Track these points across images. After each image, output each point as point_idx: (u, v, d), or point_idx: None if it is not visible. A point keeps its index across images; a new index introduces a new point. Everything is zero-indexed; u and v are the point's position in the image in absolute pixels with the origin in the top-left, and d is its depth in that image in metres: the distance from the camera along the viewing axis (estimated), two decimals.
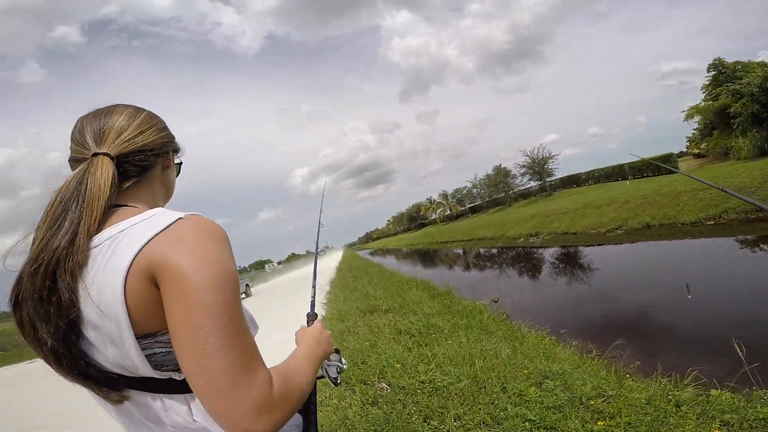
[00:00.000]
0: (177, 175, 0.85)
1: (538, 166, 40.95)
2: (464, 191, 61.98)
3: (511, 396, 2.55)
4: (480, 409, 2.48)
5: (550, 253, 13.00)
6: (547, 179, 41.54)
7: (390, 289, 8.60)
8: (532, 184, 44.32)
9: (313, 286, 1.31)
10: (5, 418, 5.65)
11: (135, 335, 0.59)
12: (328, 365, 0.99)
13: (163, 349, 0.62)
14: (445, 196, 67.55)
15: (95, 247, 0.60)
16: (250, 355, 0.59)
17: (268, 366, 0.62)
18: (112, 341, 0.60)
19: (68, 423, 4.38)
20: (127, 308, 0.58)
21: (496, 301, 6.80)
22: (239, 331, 0.59)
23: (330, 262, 34.01)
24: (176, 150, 0.82)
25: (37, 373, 9.13)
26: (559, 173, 41.42)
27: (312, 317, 1.07)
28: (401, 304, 6.27)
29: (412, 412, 2.61)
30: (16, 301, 0.61)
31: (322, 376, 0.99)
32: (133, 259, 0.57)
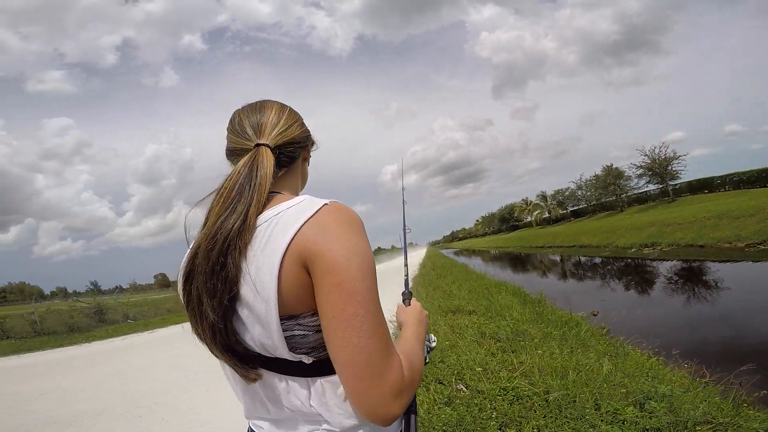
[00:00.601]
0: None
1: (659, 168, 35.78)
2: (566, 192, 57.07)
3: (604, 414, 2.30)
4: (565, 423, 2.27)
5: (667, 267, 11.32)
6: (671, 182, 36.27)
7: (476, 290, 8.28)
8: (651, 187, 39.23)
9: (405, 264, 1.27)
10: (127, 379, 6.65)
11: (279, 316, 0.63)
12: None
13: (302, 332, 0.65)
14: (543, 197, 63.13)
15: (256, 227, 0.65)
16: (389, 340, 0.63)
17: None
18: (260, 320, 0.64)
19: (171, 396, 5.01)
20: (278, 289, 0.62)
21: (595, 315, 6.13)
22: (382, 319, 0.64)
23: (413, 259, 34.16)
24: (313, 143, 0.87)
25: (156, 341, 10.66)
26: (686, 176, 36.13)
27: (407, 296, 1.03)
28: (487, 307, 5.98)
29: (489, 417, 2.47)
30: (189, 275, 0.67)
31: None
32: (289, 244, 0.61)
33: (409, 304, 0.96)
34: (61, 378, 6.50)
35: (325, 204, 0.66)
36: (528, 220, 66.87)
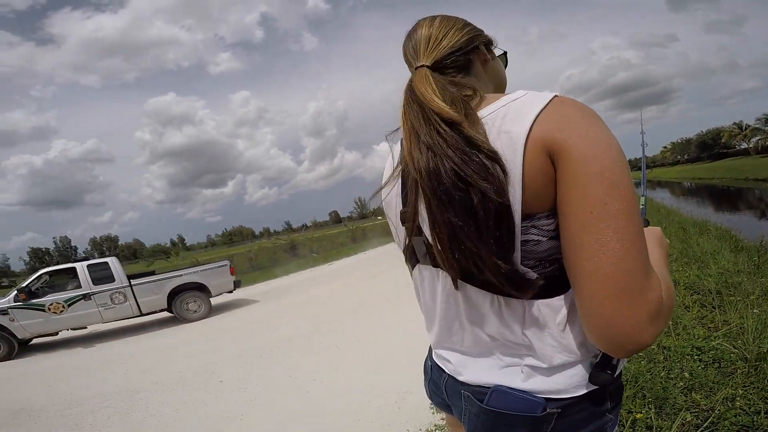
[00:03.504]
0: (505, 66, 0.83)
1: None
2: None
3: None
4: None
5: None
6: None
7: (666, 230, 6.95)
8: None
9: (643, 194, 1.10)
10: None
11: (527, 215, 0.55)
12: None
13: (536, 237, 0.56)
14: (767, 120, 47.81)
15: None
16: (646, 252, 0.52)
17: None
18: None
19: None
20: (522, 178, 0.53)
21: None
22: (640, 220, 0.52)
23: None
24: (489, 42, 0.77)
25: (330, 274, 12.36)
26: None
27: (644, 223, 0.83)
28: (682, 251, 4.99)
29: (674, 377, 2.14)
30: (403, 188, 0.68)
31: None
32: (530, 129, 0.53)
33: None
34: (266, 307, 8.24)
35: (556, 95, 0.56)
36: (743, 147, 51.95)
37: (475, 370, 0.70)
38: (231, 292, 8.21)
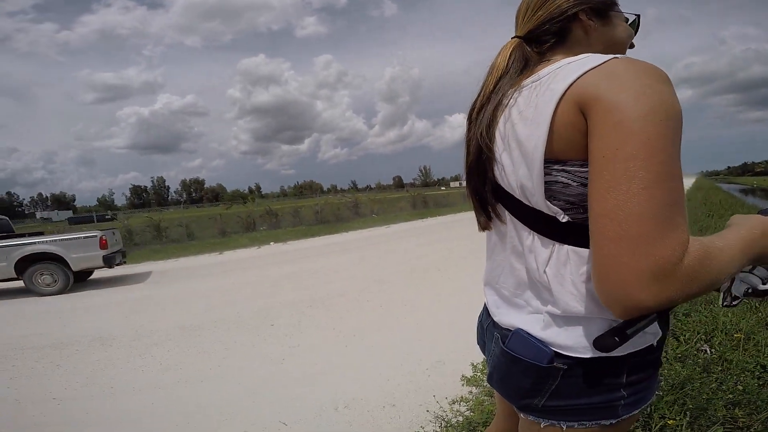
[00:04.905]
0: (636, 31, 0.81)
1: None
2: None
3: None
4: None
5: None
6: None
7: None
8: None
9: None
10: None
11: (547, 158, 0.60)
12: (745, 276, 0.66)
13: (565, 180, 0.60)
14: None
15: (535, 81, 0.65)
16: (677, 208, 0.50)
17: None
18: (526, 159, 0.62)
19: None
20: (550, 127, 0.58)
21: None
22: (673, 175, 0.50)
23: None
24: (599, 7, 0.73)
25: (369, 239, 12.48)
26: None
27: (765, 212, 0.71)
28: None
29: (724, 390, 1.95)
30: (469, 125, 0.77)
31: (718, 288, 0.68)
32: (569, 86, 0.57)
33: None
34: (324, 260, 8.66)
35: (615, 57, 0.56)
36: None
37: (507, 312, 0.75)
38: (107, 267, 7.17)
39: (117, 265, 7.63)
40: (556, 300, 0.63)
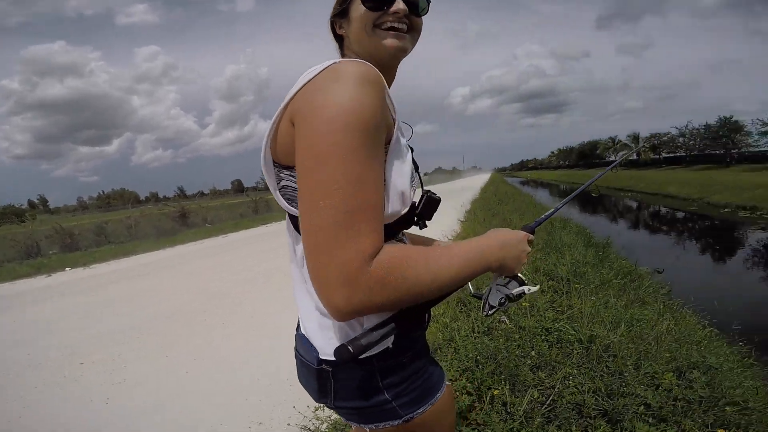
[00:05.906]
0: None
1: None
2: (665, 137, 50.35)
3: (641, 375, 2.16)
4: (600, 377, 2.18)
5: (761, 237, 9.20)
6: None
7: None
8: None
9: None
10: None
11: (281, 165, 0.63)
12: (497, 287, 0.76)
13: (291, 183, 0.63)
14: (635, 138, 56.97)
15: None
16: (360, 215, 0.50)
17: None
18: (266, 165, 0.65)
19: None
20: (273, 136, 0.61)
21: (660, 272, 5.58)
22: (357, 182, 0.50)
23: (475, 182, 33.62)
24: (344, 6, 0.70)
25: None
26: None
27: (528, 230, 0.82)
28: (546, 242, 5.69)
29: (524, 355, 2.43)
30: None
31: (480, 296, 0.78)
32: (288, 103, 0.58)
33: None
34: (144, 281, 7.48)
35: (335, 62, 0.57)
36: (611, 159, 61.45)
37: (301, 314, 0.73)
38: None
39: None
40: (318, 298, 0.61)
